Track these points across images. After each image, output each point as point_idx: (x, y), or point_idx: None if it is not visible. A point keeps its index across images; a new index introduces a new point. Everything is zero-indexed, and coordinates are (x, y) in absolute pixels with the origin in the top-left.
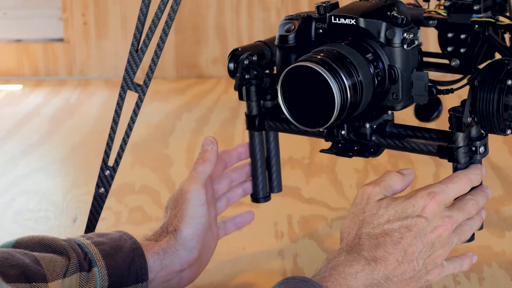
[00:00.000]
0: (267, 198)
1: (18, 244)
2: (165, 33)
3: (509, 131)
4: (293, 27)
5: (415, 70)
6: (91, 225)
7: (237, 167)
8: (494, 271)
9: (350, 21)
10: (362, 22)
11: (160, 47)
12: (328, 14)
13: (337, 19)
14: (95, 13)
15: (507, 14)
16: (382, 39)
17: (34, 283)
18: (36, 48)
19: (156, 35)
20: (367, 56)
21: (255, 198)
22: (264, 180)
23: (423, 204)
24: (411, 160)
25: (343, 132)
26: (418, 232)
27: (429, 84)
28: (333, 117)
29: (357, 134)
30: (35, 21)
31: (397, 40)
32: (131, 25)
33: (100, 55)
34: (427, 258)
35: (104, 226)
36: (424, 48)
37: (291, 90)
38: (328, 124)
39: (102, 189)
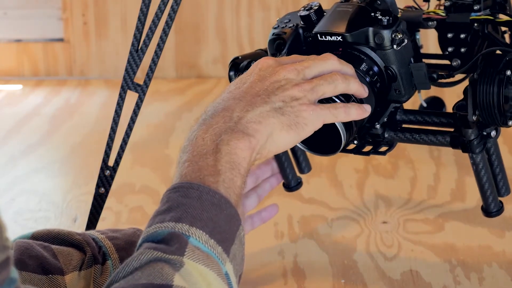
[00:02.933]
0: (299, 185)
1: (34, 238)
2: (165, 33)
3: (510, 122)
4: (282, 43)
5: (411, 62)
6: (91, 225)
7: (261, 164)
8: (494, 271)
9: (337, 38)
10: (349, 37)
11: (160, 47)
12: (313, 32)
13: (323, 36)
14: (95, 13)
15: (507, 12)
16: (371, 44)
17: (51, 275)
18: (36, 48)
19: (156, 35)
20: (361, 68)
21: (289, 187)
22: (293, 170)
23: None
24: (411, 159)
25: (355, 142)
26: (255, 80)
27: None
28: (343, 143)
29: (370, 134)
30: (35, 21)
31: (387, 43)
32: (131, 25)
33: (100, 55)
34: (277, 91)
35: (104, 226)
36: (424, 50)
37: None
38: (340, 149)
39: (102, 189)
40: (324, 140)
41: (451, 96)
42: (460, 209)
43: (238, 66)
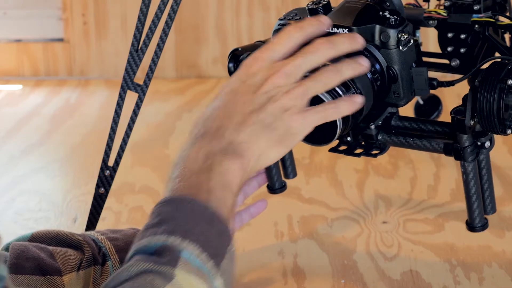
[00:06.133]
0: (283, 188)
1: (34, 238)
2: (165, 33)
3: (509, 131)
4: None
5: (414, 65)
6: (91, 225)
7: None
8: (494, 271)
9: (343, 31)
10: (355, 31)
11: (160, 47)
12: None
13: (329, 29)
14: (95, 13)
15: (507, 14)
16: (377, 42)
17: (48, 276)
18: (36, 48)
19: (156, 35)
20: None
21: (272, 189)
22: (278, 171)
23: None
24: (411, 159)
25: (349, 138)
26: (244, 91)
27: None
28: (337, 133)
29: (363, 135)
30: (35, 21)
31: (392, 42)
32: (131, 25)
33: (100, 55)
34: (268, 104)
35: (104, 226)
36: (424, 48)
37: None
38: (334, 140)
39: (102, 189)
40: (318, 130)
41: (451, 95)
42: (460, 209)
43: (237, 58)
